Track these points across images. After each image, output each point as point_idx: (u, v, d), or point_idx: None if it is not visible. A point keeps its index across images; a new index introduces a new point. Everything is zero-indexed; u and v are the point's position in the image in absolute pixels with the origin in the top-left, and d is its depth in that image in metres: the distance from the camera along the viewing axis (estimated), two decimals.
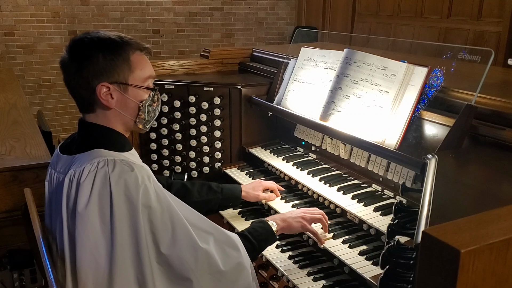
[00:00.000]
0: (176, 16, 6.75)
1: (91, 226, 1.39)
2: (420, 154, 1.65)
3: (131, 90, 1.53)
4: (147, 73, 1.56)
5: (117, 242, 1.39)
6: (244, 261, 1.59)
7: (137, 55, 1.54)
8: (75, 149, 1.53)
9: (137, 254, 1.41)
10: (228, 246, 1.58)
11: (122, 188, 1.39)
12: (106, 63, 1.48)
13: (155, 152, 2.65)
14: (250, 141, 2.61)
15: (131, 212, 1.39)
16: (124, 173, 1.41)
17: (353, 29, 6.56)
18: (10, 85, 3.74)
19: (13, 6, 5.84)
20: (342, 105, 2.08)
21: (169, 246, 1.45)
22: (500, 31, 4.85)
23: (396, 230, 1.38)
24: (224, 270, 1.53)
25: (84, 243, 1.39)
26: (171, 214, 1.46)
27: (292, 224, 1.82)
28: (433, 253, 0.82)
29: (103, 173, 1.40)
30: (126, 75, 1.51)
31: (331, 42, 3.60)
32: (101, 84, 1.48)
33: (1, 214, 2.07)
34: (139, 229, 1.40)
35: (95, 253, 1.40)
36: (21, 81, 5.36)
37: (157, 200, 1.44)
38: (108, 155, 1.45)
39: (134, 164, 1.45)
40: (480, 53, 1.94)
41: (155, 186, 1.46)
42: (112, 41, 1.51)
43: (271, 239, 1.79)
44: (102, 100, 1.49)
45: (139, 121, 1.58)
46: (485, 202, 1.23)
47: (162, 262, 1.45)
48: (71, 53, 1.51)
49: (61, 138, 4.62)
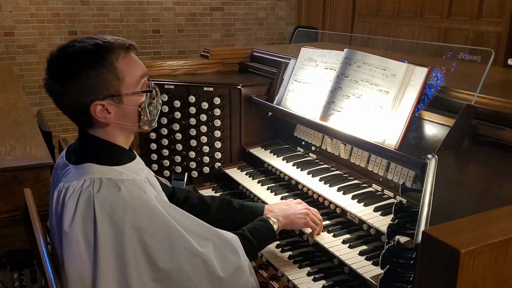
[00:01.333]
0: (176, 16, 6.75)
1: (76, 246, 1.36)
2: (420, 154, 1.65)
3: (126, 99, 1.43)
4: (137, 74, 1.45)
5: (101, 264, 1.35)
6: (243, 265, 1.57)
7: (122, 59, 1.41)
8: (72, 157, 1.50)
9: (123, 277, 1.37)
10: (227, 251, 1.55)
11: (107, 211, 1.35)
12: (91, 81, 1.37)
13: (155, 152, 2.65)
14: (250, 141, 2.61)
15: (116, 236, 1.35)
16: (110, 194, 1.35)
17: (353, 29, 6.55)
18: (10, 85, 3.74)
19: (13, 6, 5.84)
20: (342, 105, 2.08)
21: (168, 260, 1.41)
22: (500, 31, 4.85)
23: (396, 230, 1.38)
24: (223, 277, 1.50)
25: (70, 262, 1.38)
26: (166, 228, 1.42)
27: (295, 221, 1.80)
28: (433, 253, 0.82)
29: (87, 194, 1.35)
30: (117, 86, 1.41)
31: (331, 42, 3.60)
32: (94, 104, 1.39)
33: (1, 214, 2.07)
34: (126, 252, 1.36)
35: (81, 272, 1.37)
36: (21, 81, 5.36)
37: (150, 217, 1.39)
38: (97, 172, 1.40)
39: (123, 182, 1.39)
40: (480, 53, 1.94)
41: (145, 204, 1.40)
42: (90, 53, 1.38)
43: (271, 238, 1.77)
44: (99, 118, 1.42)
45: (143, 123, 1.51)
46: (485, 202, 1.23)
47: (160, 278, 1.42)
48: (52, 74, 1.42)
49: (61, 138, 4.62)
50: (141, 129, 1.53)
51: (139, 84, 1.47)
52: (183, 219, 1.49)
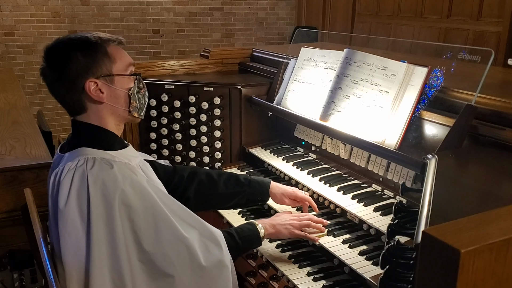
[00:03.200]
0: (176, 16, 6.75)
1: (72, 224, 1.41)
2: (420, 154, 1.65)
3: (117, 80, 1.56)
4: (127, 61, 1.59)
5: (94, 240, 1.40)
6: (225, 259, 1.59)
7: (113, 46, 1.56)
8: (66, 148, 1.56)
9: (114, 253, 1.41)
10: (211, 241, 1.58)
11: (100, 186, 1.41)
12: (87, 60, 1.50)
13: (155, 152, 2.65)
14: (250, 141, 2.61)
15: (107, 211, 1.41)
16: (103, 171, 1.43)
17: (353, 29, 6.55)
18: (10, 85, 3.74)
19: (13, 6, 5.84)
20: (342, 105, 2.08)
21: (153, 243, 1.46)
22: (500, 31, 4.85)
23: (396, 230, 1.38)
24: (205, 266, 1.53)
25: (67, 241, 1.41)
26: (154, 210, 1.47)
27: (280, 231, 1.82)
28: (433, 253, 0.82)
29: (81, 171, 1.43)
30: (109, 66, 1.54)
31: (331, 42, 3.60)
32: (89, 81, 1.50)
33: (1, 214, 2.07)
34: (116, 228, 1.41)
35: (77, 251, 1.41)
36: (21, 81, 5.35)
37: (139, 198, 1.45)
38: (91, 153, 1.48)
39: (115, 162, 1.47)
40: (480, 53, 1.94)
41: (135, 184, 1.47)
42: (85, 39, 1.54)
43: (256, 242, 1.78)
44: (92, 96, 1.52)
45: (133, 109, 1.60)
46: (485, 202, 1.23)
47: (144, 259, 1.46)
48: (49, 61, 1.54)
49: (61, 138, 4.62)
50: (131, 116, 1.62)
51: (127, 69, 1.60)
52: (172, 206, 1.55)
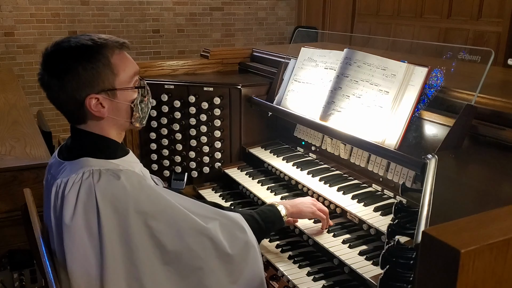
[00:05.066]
0: (176, 16, 6.75)
1: (79, 238, 1.37)
2: (420, 154, 1.65)
3: (120, 93, 1.47)
4: (131, 71, 1.50)
5: (107, 254, 1.36)
6: (251, 239, 1.58)
7: (116, 55, 1.46)
8: (66, 154, 1.51)
9: (131, 263, 1.38)
10: (234, 228, 1.56)
11: (109, 199, 1.36)
12: (87, 74, 1.41)
13: (155, 152, 2.65)
14: (250, 141, 2.61)
15: (121, 224, 1.37)
16: (111, 184, 1.37)
17: (353, 29, 6.55)
18: (10, 85, 3.74)
19: (13, 6, 5.84)
20: (342, 105, 2.08)
21: (176, 242, 1.43)
22: (500, 31, 4.85)
23: (396, 230, 1.38)
24: (232, 253, 1.51)
25: (74, 255, 1.38)
26: (170, 209, 1.44)
27: (303, 210, 1.84)
28: (433, 253, 0.82)
29: (87, 185, 1.37)
30: (111, 80, 1.45)
31: (331, 42, 3.60)
32: (89, 97, 1.42)
33: (1, 214, 2.07)
34: (132, 238, 1.37)
35: (85, 265, 1.38)
36: (21, 81, 5.35)
37: (153, 202, 1.42)
38: (95, 164, 1.42)
39: (121, 171, 1.41)
40: (480, 53, 1.94)
41: (146, 189, 1.43)
42: (86, 48, 1.42)
43: (279, 223, 1.79)
44: (93, 112, 1.45)
45: (135, 120, 1.54)
46: (485, 202, 1.23)
47: (170, 261, 1.43)
48: (48, 68, 1.45)
49: (61, 138, 4.62)
50: (132, 126, 1.57)
51: (132, 80, 1.51)
52: (185, 203, 1.52)
